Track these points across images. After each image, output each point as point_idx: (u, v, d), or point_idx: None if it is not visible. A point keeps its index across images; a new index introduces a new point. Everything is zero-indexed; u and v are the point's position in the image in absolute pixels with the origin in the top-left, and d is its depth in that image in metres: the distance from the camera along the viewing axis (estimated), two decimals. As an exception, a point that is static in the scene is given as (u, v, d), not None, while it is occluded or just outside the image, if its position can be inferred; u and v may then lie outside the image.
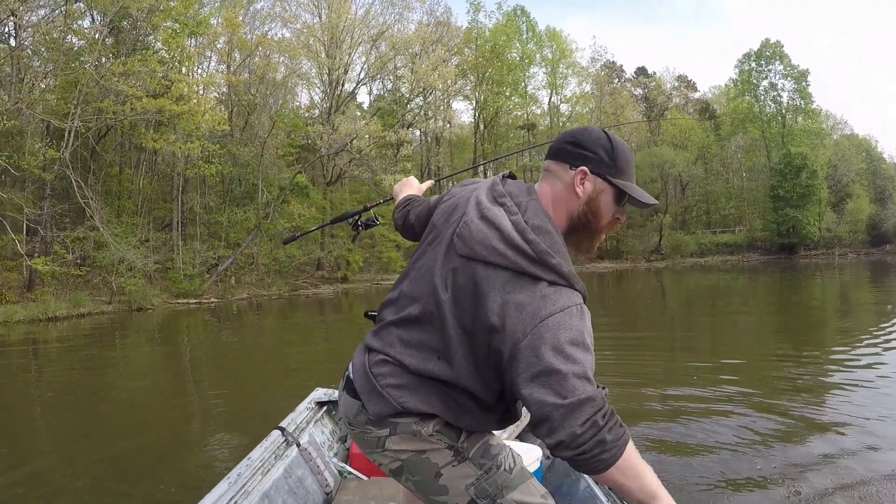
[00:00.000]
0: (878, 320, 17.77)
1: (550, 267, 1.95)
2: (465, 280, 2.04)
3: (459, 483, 2.15)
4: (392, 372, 2.14)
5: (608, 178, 2.14)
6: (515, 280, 1.95)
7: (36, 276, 30.03)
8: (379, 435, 2.16)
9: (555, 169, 2.21)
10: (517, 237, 1.99)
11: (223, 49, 46.66)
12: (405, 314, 2.20)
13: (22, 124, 31.15)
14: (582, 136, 2.20)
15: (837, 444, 6.81)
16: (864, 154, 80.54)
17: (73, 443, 8.04)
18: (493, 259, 1.98)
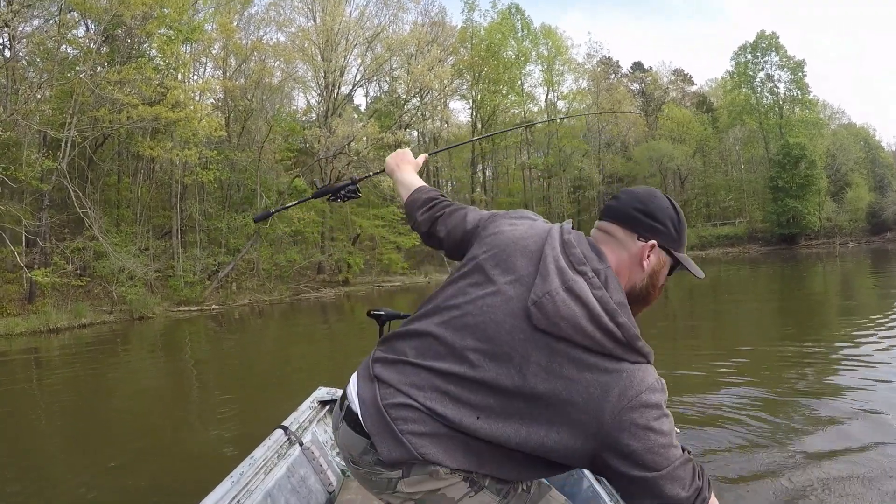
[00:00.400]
0: (881, 306, 17.74)
1: (637, 350, 1.86)
2: (539, 356, 1.87)
3: None
4: (416, 418, 1.95)
5: (672, 252, 2.08)
6: (600, 361, 1.83)
7: (36, 287, 29.99)
8: (390, 477, 2.00)
9: (621, 237, 2.07)
10: (607, 319, 1.85)
11: (218, 55, 46.65)
12: (444, 367, 1.99)
13: (18, 135, 31.13)
14: (652, 204, 2.08)
15: (845, 431, 6.77)
16: (863, 143, 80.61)
17: (79, 447, 8.09)
18: (578, 339, 1.84)
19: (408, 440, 1.92)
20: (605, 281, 1.94)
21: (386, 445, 1.95)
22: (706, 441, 7.12)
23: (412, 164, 3.10)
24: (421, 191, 2.81)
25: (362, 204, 53.65)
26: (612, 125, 76.11)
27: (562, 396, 1.81)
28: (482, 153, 72.07)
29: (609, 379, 1.80)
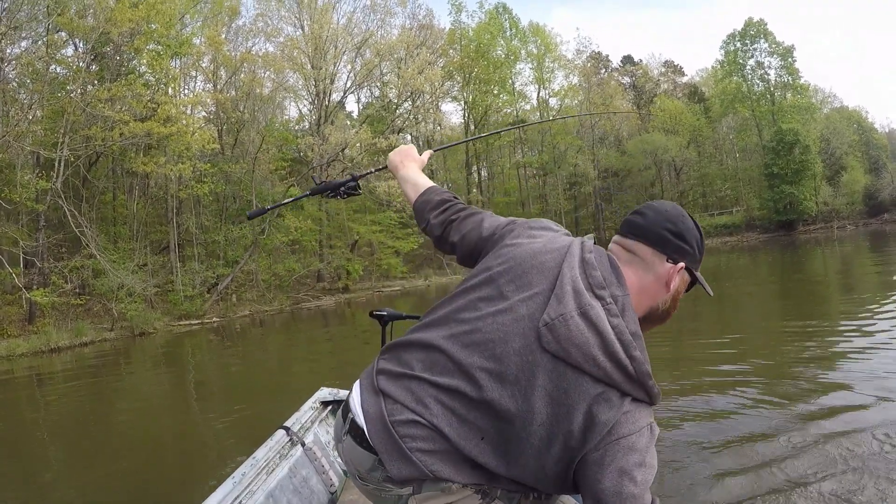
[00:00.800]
0: (881, 289, 17.75)
1: (645, 388, 1.82)
2: (544, 379, 1.83)
3: None
4: (425, 436, 1.90)
5: (694, 272, 2.04)
6: (605, 392, 1.80)
7: (36, 308, 30.00)
8: (400, 493, 1.97)
9: (649, 258, 2.01)
10: (620, 352, 1.80)
11: (208, 68, 46.73)
12: (450, 383, 1.94)
13: (11, 157, 31.20)
14: (682, 224, 2.02)
15: (844, 417, 6.78)
16: (856, 126, 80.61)
17: (82, 458, 8.08)
18: (587, 368, 1.79)
19: (417, 458, 1.88)
20: (623, 309, 1.88)
21: (395, 464, 1.91)
22: (706, 405, 7.17)
23: (417, 162, 2.87)
24: (432, 192, 2.64)
25: (359, 210, 53.71)
26: (604, 120, 76.10)
27: (561, 423, 1.79)
28: (476, 154, 72.08)
29: (609, 413, 1.77)
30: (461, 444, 1.87)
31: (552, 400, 1.80)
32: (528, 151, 75.77)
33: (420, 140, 67.90)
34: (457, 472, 1.88)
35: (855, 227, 63.37)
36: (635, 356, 1.79)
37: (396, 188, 46.85)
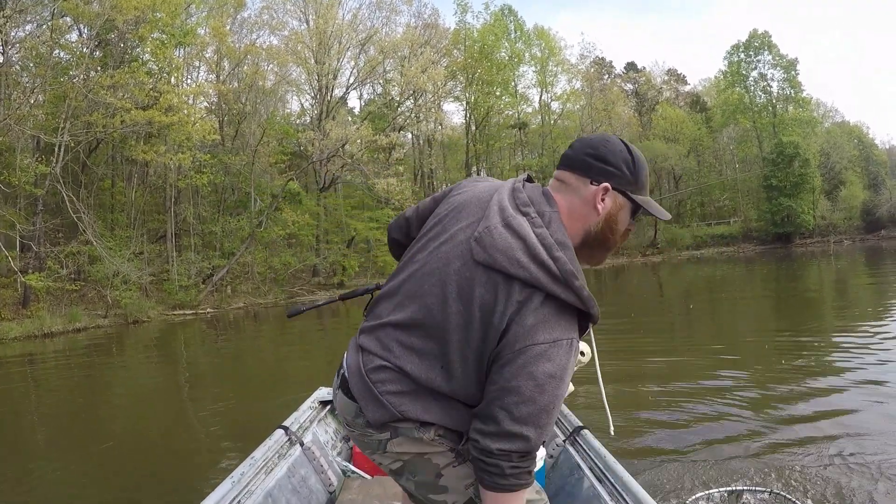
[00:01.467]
0: (875, 304, 17.81)
1: (573, 289, 1.91)
2: (480, 290, 1.95)
3: (459, 483, 2.15)
4: (391, 378, 2.06)
5: (629, 194, 2.10)
6: (534, 296, 1.90)
7: (31, 292, 30.01)
8: (380, 438, 2.12)
9: (573, 183, 2.12)
10: (543, 252, 1.92)
11: (211, 58, 46.73)
12: (406, 316, 2.09)
13: (11, 140, 31.12)
14: (604, 148, 2.11)
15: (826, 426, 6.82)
16: (856, 141, 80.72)
17: (73, 449, 8.02)
18: (513, 271, 1.91)
19: (387, 400, 2.04)
20: (549, 222, 2.01)
21: (370, 408, 2.07)
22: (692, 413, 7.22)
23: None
24: None
25: (357, 206, 53.72)
26: (605, 125, 76.10)
27: (492, 328, 1.91)
28: (476, 154, 72.06)
29: (531, 317, 1.88)
30: (423, 377, 2.02)
31: (485, 308, 1.93)
32: (528, 154, 75.72)
33: (420, 139, 67.96)
34: (424, 410, 2.04)
35: (852, 243, 63.43)
36: (558, 256, 1.91)
37: (395, 186, 46.90)
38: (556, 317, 1.90)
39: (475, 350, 1.96)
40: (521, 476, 1.93)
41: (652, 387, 9.21)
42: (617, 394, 8.89)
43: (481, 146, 71.21)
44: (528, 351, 1.86)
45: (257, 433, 4.08)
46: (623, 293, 31.02)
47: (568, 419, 4.69)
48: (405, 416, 2.03)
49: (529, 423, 1.87)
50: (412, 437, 2.07)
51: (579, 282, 1.91)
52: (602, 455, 3.83)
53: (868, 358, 10.08)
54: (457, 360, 1.99)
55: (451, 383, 2.01)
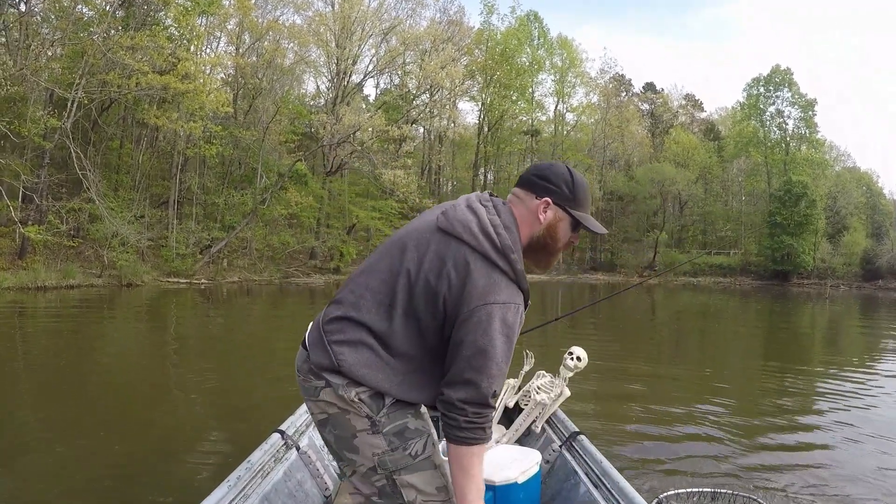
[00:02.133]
0: (865, 351, 17.83)
1: (509, 260, 2.36)
2: (434, 246, 2.40)
3: (368, 450, 2.43)
4: (340, 328, 2.43)
5: (568, 209, 2.54)
6: (479, 260, 2.34)
7: (28, 244, 30.01)
8: (316, 385, 2.44)
9: (523, 196, 2.57)
10: (490, 228, 2.39)
11: (233, 31, 46.78)
12: (368, 266, 2.55)
13: (25, 91, 31.13)
14: (549, 171, 2.59)
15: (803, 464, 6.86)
16: (865, 188, 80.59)
17: (63, 438, 7.88)
18: (466, 238, 2.36)
19: (331, 348, 2.40)
20: (500, 213, 2.49)
21: (316, 353, 2.44)
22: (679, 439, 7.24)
23: None
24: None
25: (361, 194, 53.74)
26: (617, 142, 76.15)
27: (445, 278, 2.33)
28: (486, 156, 72.08)
29: (480, 277, 2.32)
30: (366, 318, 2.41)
31: (439, 259, 2.36)
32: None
33: (432, 134, 67.98)
34: (357, 362, 2.37)
35: (848, 289, 63.34)
36: (501, 233, 2.39)
37: (402, 178, 46.92)
38: (504, 284, 2.35)
39: (421, 293, 2.36)
40: (476, 431, 2.32)
41: (635, 406, 9.22)
42: (603, 407, 8.95)
43: (491, 148, 71.28)
44: (482, 310, 2.28)
45: (239, 412, 4.05)
46: (616, 311, 31.05)
47: (564, 424, 4.75)
48: (341, 365, 2.36)
49: (482, 371, 2.28)
50: (338, 393, 2.38)
51: (515, 255, 2.38)
52: (598, 460, 3.88)
53: (852, 399, 10.16)
54: (400, 300, 2.38)
55: (391, 324, 2.39)
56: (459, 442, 2.34)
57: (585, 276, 68.35)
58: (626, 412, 8.69)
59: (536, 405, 4.96)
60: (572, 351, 4.89)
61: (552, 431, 4.82)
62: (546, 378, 5.14)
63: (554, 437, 4.71)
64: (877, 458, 7.13)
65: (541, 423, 4.97)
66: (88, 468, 6.40)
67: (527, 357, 5.44)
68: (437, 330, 2.39)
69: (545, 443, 4.76)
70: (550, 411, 4.97)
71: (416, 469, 2.46)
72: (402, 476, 2.45)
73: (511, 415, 5.32)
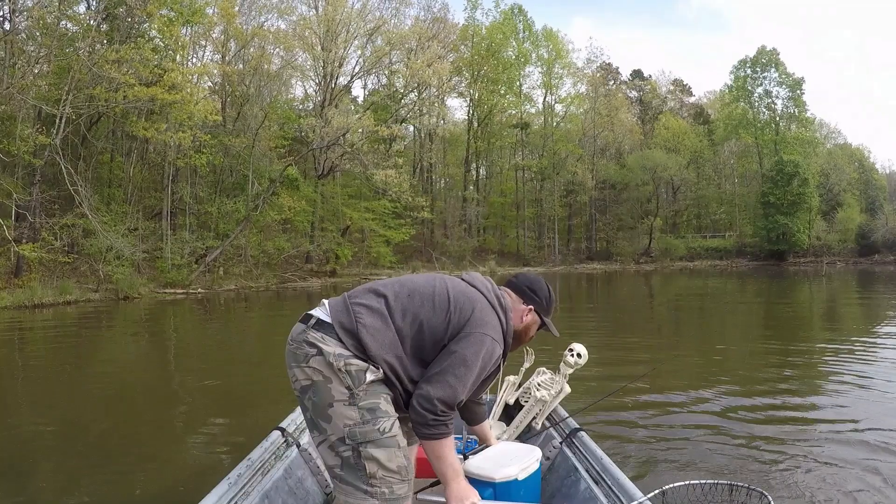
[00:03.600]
0: (863, 326, 17.85)
1: (506, 315, 3.18)
2: (461, 287, 3.13)
3: (340, 420, 2.76)
4: (362, 294, 3.03)
5: (542, 316, 3.42)
6: (487, 305, 3.10)
7: (23, 262, 29.98)
8: (307, 352, 2.83)
9: (515, 298, 3.37)
10: (500, 295, 3.24)
11: (218, 39, 46.67)
12: (396, 280, 3.16)
13: (13, 109, 31.09)
14: (536, 285, 3.43)
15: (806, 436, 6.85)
16: (857, 164, 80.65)
17: (63, 444, 7.92)
18: (480, 288, 3.18)
19: (352, 308, 2.92)
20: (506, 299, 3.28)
21: (337, 313, 2.92)
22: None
23: None
24: None
25: (354, 196, 53.76)
26: (607, 131, 76.15)
27: (460, 302, 3.02)
28: (477, 152, 72.09)
29: (483, 313, 3.03)
30: (391, 301, 2.97)
31: (461, 292, 3.08)
32: (529, 154, 75.70)
33: (422, 132, 67.98)
34: (371, 325, 2.87)
35: (845, 265, 63.42)
36: (504, 298, 3.24)
37: (394, 178, 46.91)
38: (497, 329, 3.07)
39: (440, 315, 2.96)
40: (440, 427, 2.81)
41: (636, 400, 9.21)
42: (604, 402, 8.92)
43: (482, 143, 71.38)
44: (476, 334, 2.93)
45: (239, 411, 4.05)
46: (613, 297, 31.05)
47: (565, 421, 4.77)
48: (359, 323, 2.85)
49: (459, 378, 2.83)
50: (328, 360, 2.77)
51: (510, 313, 3.22)
52: (599, 457, 3.89)
53: (858, 380, 10.05)
54: (424, 312, 2.96)
55: (406, 305, 2.97)
56: (429, 438, 2.83)
57: (582, 266, 68.45)
58: (626, 407, 8.67)
59: (537, 402, 4.94)
60: (573, 348, 4.89)
61: (552, 428, 4.82)
62: (546, 375, 5.13)
63: (554, 433, 4.72)
64: (881, 447, 7.06)
65: (541, 419, 4.95)
66: (89, 468, 6.45)
67: (527, 354, 5.43)
68: (437, 331, 2.95)
69: (546, 439, 4.76)
70: (551, 408, 4.96)
71: (382, 444, 2.76)
72: (367, 449, 2.74)
73: (511, 412, 5.28)
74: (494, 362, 3.03)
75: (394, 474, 2.79)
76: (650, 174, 70.98)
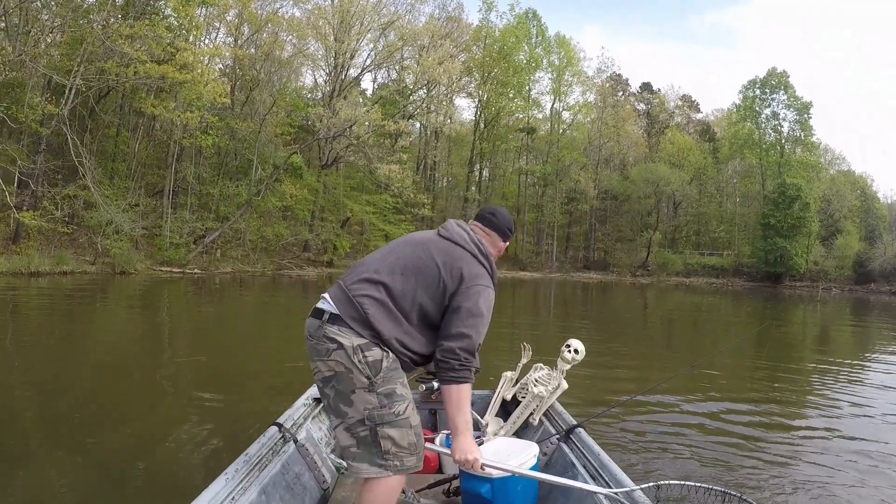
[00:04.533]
0: (855, 351, 17.87)
1: (488, 261, 3.44)
2: (443, 246, 3.38)
3: (361, 405, 3.12)
4: (361, 287, 3.21)
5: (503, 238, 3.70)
6: (471, 258, 3.36)
7: (22, 229, 29.97)
8: (329, 347, 3.12)
9: (490, 234, 3.65)
10: (476, 241, 3.47)
11: (232, 22, 46.62)
12: (394, 263, 3.32)
13: (24, 77, 31.06)
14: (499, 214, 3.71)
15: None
16: (859, 192, 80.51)
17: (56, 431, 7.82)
18: (462, 244, 3.40)
19: (357, 300, 3.16)
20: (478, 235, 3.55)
21: (343, 307, 3.17)
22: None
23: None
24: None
25: (356, 188, 53.72)
26: (613, 142, 76.07)
27: (448, 264, 3.28)
28: (482, 153, 72.00)
29: (472, 267, 3.32)
30: (392, 286, 3.22)
31: (446, 252, 3.34)
32: (533, 160, 75.59)
33: (428, 129, 67.91)
34: (378, 315, 3.15)
35: (840, 292, 63.27)
36: (482, 245, 3.46)
37: (397, 173, 46.89)
38: (485, 274, 3.37)
39: (429, 269, 3.26)
40: (464, 371, 3.15)
41: (633, 398, 9.23)
42: (601, 398, 8.95)
43: (487, 145, 71.26)
44: (474, 287, 3.25)
45: (235, 404, 4.06)
46: (608, 307, 31.05)
47: (562, 417, 4.79)
48: (367, 314, 3.12)
49: (471, 327, 3.18)
50: (348, 354, 3.08)
51: (491, 259, 3.47)
52: (596, 453, 3.94)
53: (846, 395, 10.13)
54: (410, 269, 3.27)
55: (402, 286, 3.22)
56: (453, 381, 3.15)
57: (578, 275, 68.34)
58: (623, 404, 8.70)
59: (534, 398, 4.96)
60: (570, 343, 4.91)
61: (550, 424, 4.85)
62: (544, 371, 5.14)
63: (552, 429, 4.74)
64: (872, 459, 7.11)
65: (538, 415, 5.00)
66: (82, 460, 6.36)
67: (524, 350, 5.45)
68: (436, 298, 3.25)
69: (543, 435, 4.77)
70: (548, 404, 5.00)
71: (396, 425, 3.14)
72: (384, 429, 3.12)
73: (509, 407, 5.32)
74: (491, 299, 3.37)
75: (404, 450, 3.17)
76: (652, 188, 70.86)
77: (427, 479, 4.38)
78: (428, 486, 4.21)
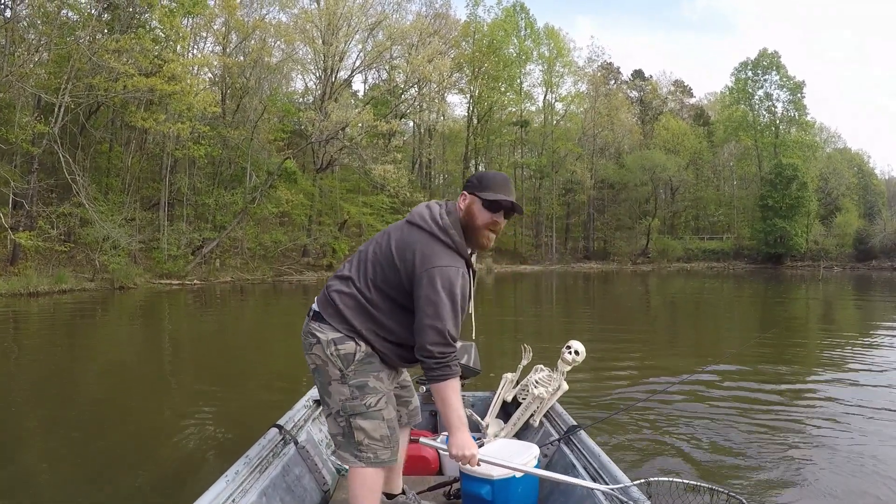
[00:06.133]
0: (859, 330, 17.83)
1: (448, 234, 3.22)
2: (403, 233, 3.30)
3: (337, 396, 3.30)
4: (335, 283, 3.39)
5: (476, 193, 3.32)
6: (426, 237, 3.22)
7: (19, 250, 29.95)
8: (311, 342, 3.33)
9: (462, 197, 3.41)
10: (437, 215, 3.29)
11: (219, 30, 46.58)
12: (361, 257, 3.42)
13: (12, 97, 31.04)
14: (472, 175, 3.45)
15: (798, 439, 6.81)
16: (856, 169, 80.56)
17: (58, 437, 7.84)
18: (419, 223, 3.27)
19: (330, 296, 3.35)
20: (447, 206, 3.37)
21: (321, 304, 3.37)
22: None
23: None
24: None
25: (352, 190, 53.80)
26: (607, 131, 76.14)
27: (402, 251, 3.22)
28: (476, 148, 72.05)
29: (427, 248, 3.18)
30: (361, 280, 3.31)
31: (403, 238, 3.27)
32: (528, 153, 75.69)
33: (422, 128, 67.98)
34: (347, 306, 3.29)
35: (842, 270, 63.43)
36: (444, 217, 3.27)
37: (392, 173, 46.91)
38: (445, 253, 3.18)
39: (386, 259, 3.26)
40: (444, 368, 3.11)
41: (633, 397, 9.18)
42: (601, 399, 8.90)
43: (481, 140, 71.30)
44: (427, 272, 3.11)
45: (236, 407, 4.05)
46: (609, 296, 31.04)
47: (562, 418, 4.77)
48: (339, 306, 3.29)
49: (433, 316, 3.08)
50: (324, 348, 3.26)
51: (453, 231, 3.23)
52: (597, 454, 3.91)
53: (853, 386, 10.04)
54: (371, 261, 3.32)
55: (367, 279, 3.29)
56: (435, 380, 3.14)
57: (578, 265, 68.54)
58: (624, 403, 8.65)
59: (535, 399, 4.96)
60: (570, 345, 4.87)
61: (550, 425, 4.83)
62: (544, 372, 5.12)
63: (552, 430, 4.72)
64: (877, 449, 7.01)
65: (539, 416, 4.99)
66: (84, 464, 6.41)
67: (524, 351, 5.40)
68: (399, 286, 3.24)
69: (543, 436, 4.75)
70: (548, 405, 4.99)
71: (368, 417, 3.26)
72: (356, 420, 3.26)
73: (509, 409, 5.32)
74: (460, 281, 3.19)
75: (377, 442, 3.28)
76: (649, 175, 70.98)
77: (428, 481, 4.39)
78: (429, 488, 4.21)
